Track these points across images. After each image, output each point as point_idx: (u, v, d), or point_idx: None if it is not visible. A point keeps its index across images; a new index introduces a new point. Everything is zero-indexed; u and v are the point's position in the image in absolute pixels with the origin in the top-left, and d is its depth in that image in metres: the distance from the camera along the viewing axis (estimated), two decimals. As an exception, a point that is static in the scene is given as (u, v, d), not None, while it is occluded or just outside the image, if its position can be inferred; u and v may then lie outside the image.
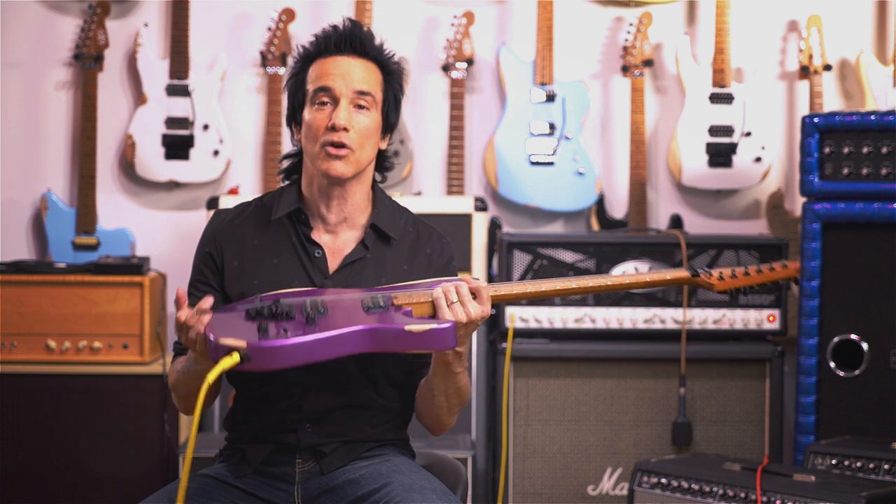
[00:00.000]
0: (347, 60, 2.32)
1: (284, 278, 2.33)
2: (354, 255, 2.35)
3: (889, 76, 4.29)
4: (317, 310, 2.15)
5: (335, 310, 2.16)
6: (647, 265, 3.88)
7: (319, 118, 2.30)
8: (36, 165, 4.41)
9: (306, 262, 2.34)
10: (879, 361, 3.64)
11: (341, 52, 2.32)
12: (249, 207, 2.43)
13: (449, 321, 2.13)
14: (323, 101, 2.30)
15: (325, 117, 2.29)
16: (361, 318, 2.14)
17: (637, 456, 3.78)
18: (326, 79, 2.30)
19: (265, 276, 2.34)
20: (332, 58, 2.32)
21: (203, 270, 2.38)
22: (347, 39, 2.33)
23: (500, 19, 4.49)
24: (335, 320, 2.12)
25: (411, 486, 2.20)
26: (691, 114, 4.35)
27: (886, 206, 3.62)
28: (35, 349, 3.86)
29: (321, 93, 2.30)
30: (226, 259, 2.36)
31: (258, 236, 2.38)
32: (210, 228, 2.41)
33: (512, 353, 3.82)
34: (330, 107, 2.30)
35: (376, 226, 2.37)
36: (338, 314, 2.15)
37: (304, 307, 2.16)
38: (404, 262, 2.38)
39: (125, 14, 4.42)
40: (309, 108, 2.32)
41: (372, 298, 2.20)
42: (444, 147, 4.42)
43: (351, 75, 2.31)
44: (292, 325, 2.10)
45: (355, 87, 2.30)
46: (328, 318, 2.13)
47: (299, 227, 2.37)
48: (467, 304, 2.18)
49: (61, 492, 3.81)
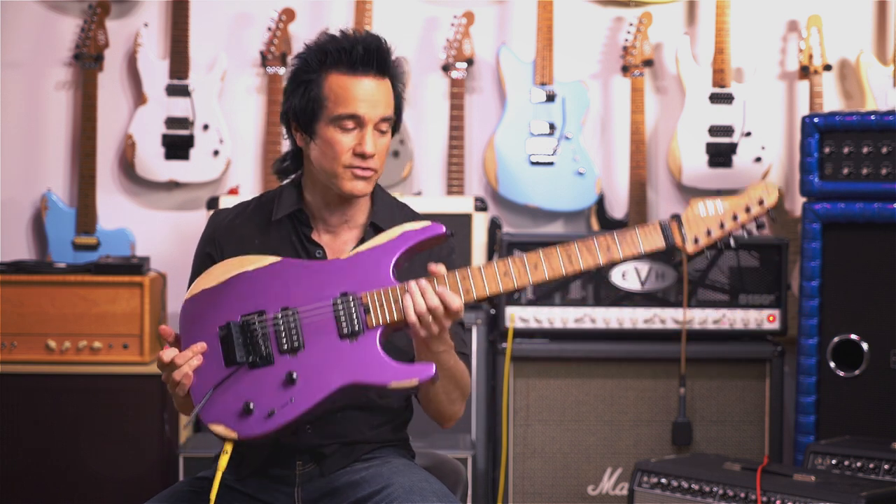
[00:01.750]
0: (372, 83, 2.26)
1: None
2: None
3: (889, 76, 4.29)
4: (291, 342, 2.16)
5: (310, 341, 2.16)
6: (646, 265, 3.88)
7: (346, 142, 2.26)
8: (36, 165, 4.41)
9: None
10: (879, 361, 3.64)
11: (366, 73, 2.26)
12: (249, 207, 2.42)
13: (431, 368, 2.12)
14: (348, 126, 2.26)
15: (352, 141, 2.26)
16: (338, 361, 2.14)
17: (637, 456, 3.78)
18: (354, 105, 2.25)
19: None
20: (358, 79, 2.26)
21: (203, 270, 2.38)
22: (374, 59, 2.27)
23: (500, 19, 4.49)
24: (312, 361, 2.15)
25: (411, 488, 2.20)
26: (691, 114, 4.35)
27: (886, 206, 3.62)
28: (35, 349, 3.86)
29: (348, 119, 2.26)
30: (226, 259, 2.36)
31: (258, 236, 2.37)
32: (210, 228, 2.40)
33: (512, 353, 3.82)
34: (356, 131, 2.26)
35: (376, 224, 2.36)
36: (313, 351, 2.16)
37: (279, 337, 2.17)
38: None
39: (125, 14, 4.42)
40: (330, 126, 2.27)
41: (347, 318, 2.16)
42: (444, 147, 4.42)
43: (378, 102, 2.26)
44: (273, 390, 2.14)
45: (382, 115, 2.27)
46: (306, 356, 2.15)
47: (300, 227, 2.36)
48: (442, 320, 2.15)
49: (61, 492, 3.81)
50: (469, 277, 2.17)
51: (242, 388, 2.16)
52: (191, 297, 2.24)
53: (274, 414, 2.13)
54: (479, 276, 2.17)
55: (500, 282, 2.16)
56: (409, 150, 4.35)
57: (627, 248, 2.19)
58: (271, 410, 2.13)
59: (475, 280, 2.17)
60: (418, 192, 4.39)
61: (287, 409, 2.13)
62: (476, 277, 2.17)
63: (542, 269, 2.17)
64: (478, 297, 2.17)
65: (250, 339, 2.18)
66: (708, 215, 2.22)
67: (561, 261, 2.17)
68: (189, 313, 2.23)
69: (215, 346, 2.19)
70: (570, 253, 2.17)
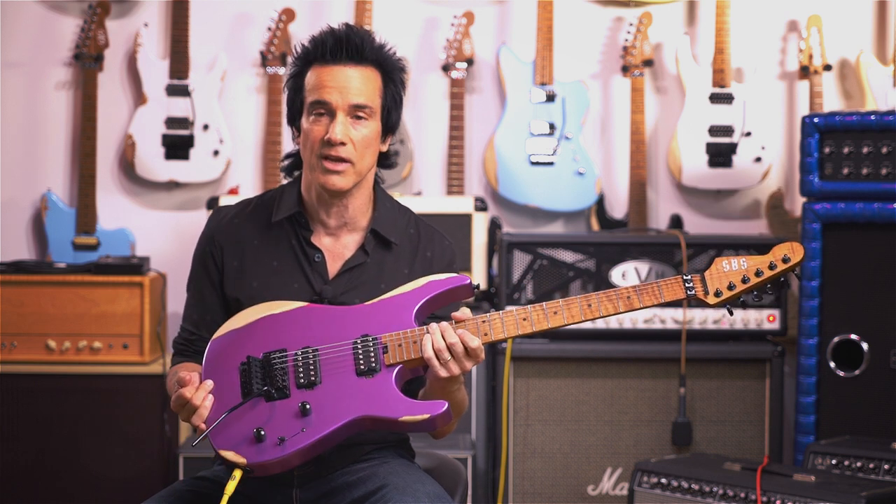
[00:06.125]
0: (344, 71, 2.27)
1: (283, 282, 2.32)
2: (354, 261, 2.34)
3: (889, 76, 4.29)
4: (309, 377, 2.17)
5: (327, 377, 2.17)
6: (646, 265, 3.88)
7: (316, 130, 2.27)
8: (36, 165, 4.42)
9: (306, 267, 2.33)
10: (879, 361, 3.64)
11: (337, 61, 2.27)
12: (250, 206, 2.41)
13: (443, 405, 2.14)
14: (319, 112, 2.27)
15: (322, 129, 2.26)
16: (353, 396, 2.16)
17: (637, 456, 3.78)
18: (323, 92, 2.26)
19: (264, 279, 2.33)
20: (329, 67, 2.27)
21: (203, 269, 2.38)
22: (343, 47, 2.28)
23: (500, 19, 4.49)
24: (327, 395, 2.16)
25: (405, 489, 2.20)
26: (691, 114, 4.35)
27: (886, 206, 3.62)
28: (35, 349, 3.86)
29: (318, 105, 2.27)
30: (226, 259, 2.36)
31: (258, 237, 2.36)
32: (210, 227, 2.40)
33: (512, 353, 3.83)
34: (326, 119, 2.27)
35: (376, 231, 2.35)
36: (329, 386, 2.17)
37: (297, 372, 2.18)
38: (405, 265, 2.36)
39: (125, 14, 4.42)
40: (306, 117, 2.29)
41: (364, 356, 2.18)
42: (444, 147, 4.42)
43: (348, 88, 2.26)
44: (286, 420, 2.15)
45: (351, 101, 2.26)
46: (321, 390, 2.17)
47: (299, 230, 2.35)
48: (462, 360, 2.17)
49: (61, 492, 3.81)
50: (489, 321, 2.20)
51: (256, 417, 2.17)
52: (218, 337, 2.25)
53: (284, 441, 2.14)
54: (498, 321, 2.21)
55: (519, 326, 2.20)
56: (409, 150, 4.35)
57: (648, 299, 2.22)
58: (282, 438, 2.14)
59: (494, 325, 2.21)
60: (418, 192, 4.40)
61: (298, 437, 2.15)
62: (495, 323, 2.21)
63: (562, 316, 2.21)
64: (495, 339, 2.22)
65: (269, 372, 2.19)
66: (731, 270, 2.24)
67: (581, 309, 2.21)
68: (214, 351, 2.24)
69: (235, 379, 2.20)
70: (591, 301, 2.21)
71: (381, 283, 2.33)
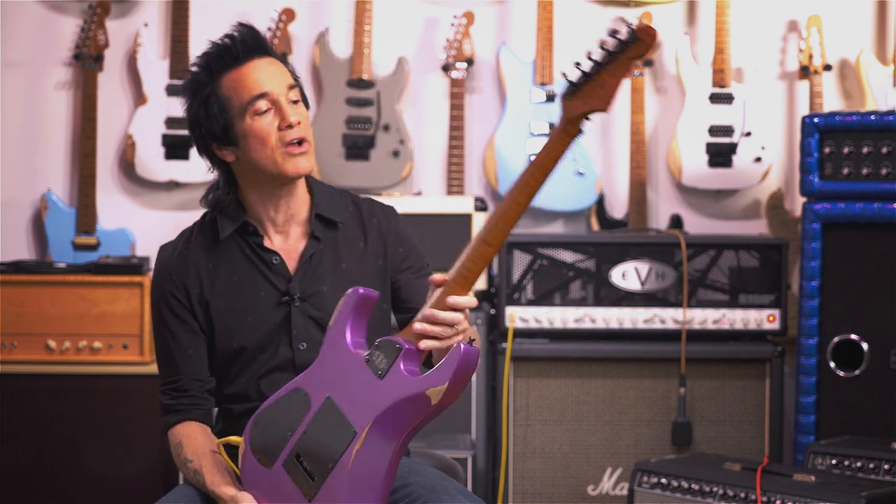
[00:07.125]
0: (260, 63, 2.30)
1: (248, 292, 2.32)
2: (309, 251, 2.34)
3: (889, 76, 4.29)
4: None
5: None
6: (646, 265, 3.88)
7: (265, 125, 2.27)
8: (36, 165, 4.41)
9: (266, 272, 2.34)
10: (879, 361, 3.65)
11: (250, 58, 2.30)
12: (193, 233, 2.40)
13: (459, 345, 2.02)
14: (260, 109, 2.27)
15: (271, 121, 2.27)
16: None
17: (637, 456, 3.78)
18: (257, 85, 2.27)
19: (228, 296, 2.33)
20: (245, 66, 2.29)
21: (167, 309, 2.35)
22: (250, 44, 2.31)
23: (500, 19, 4.49)
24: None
25: (433, 487, 2.19)
26: (691, 114, 4.35)
27: (886, 206, 3.63)
28: (35, 349, 3.86)
29: (258, 100, 2.26)
30: (189, 288, 2.34)
31: (211, 259, 2.35)
32: (160, 266, 2.38)
33: (512, 353, 3.82)
34: (271, 111, 2.27)
35: (321, 215, 2.36)
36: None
37: None
38: (359, 239, 2.37)
39: (125, 14, 4.42)
40: (246, 119, 2.27)
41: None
42: (444, 147, 4.42)
43: (274, 74, 2.29)
44: None
45: (286, 84, 2.29)
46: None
47: (249, 238, 2.35)
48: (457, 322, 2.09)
49: (61, 492, 3.81)
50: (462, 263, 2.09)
51: None
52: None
53: None
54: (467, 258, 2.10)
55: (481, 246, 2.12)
56: (408, 150, 4.35)
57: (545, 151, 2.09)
58: None
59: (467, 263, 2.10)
60: (418, 192, 4.40)
61: None
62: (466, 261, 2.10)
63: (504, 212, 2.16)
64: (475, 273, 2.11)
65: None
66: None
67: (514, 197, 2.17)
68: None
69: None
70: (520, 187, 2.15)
71: (342, 262, 2.34)
